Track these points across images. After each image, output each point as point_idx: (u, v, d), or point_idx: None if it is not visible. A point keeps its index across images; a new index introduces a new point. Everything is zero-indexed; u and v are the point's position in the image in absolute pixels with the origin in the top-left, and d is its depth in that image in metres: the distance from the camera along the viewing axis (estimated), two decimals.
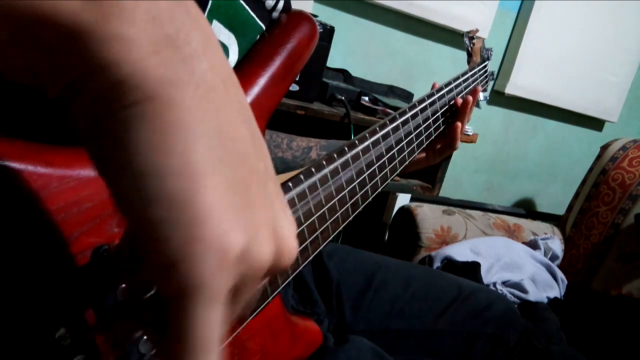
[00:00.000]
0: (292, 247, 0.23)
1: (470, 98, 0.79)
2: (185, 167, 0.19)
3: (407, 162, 0.63)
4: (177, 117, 0.19)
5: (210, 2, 0.40)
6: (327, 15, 1.57)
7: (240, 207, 0.20)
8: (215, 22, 0.42)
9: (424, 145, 0.69)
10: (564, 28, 2.00)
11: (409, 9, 1.64)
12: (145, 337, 0.29)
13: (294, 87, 1.24)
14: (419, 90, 1.75)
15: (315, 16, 1.33)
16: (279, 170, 0.74)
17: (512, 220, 1.63)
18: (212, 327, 0.20)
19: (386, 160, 0.57)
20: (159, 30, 0.19)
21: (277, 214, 0.23)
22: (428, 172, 1.60)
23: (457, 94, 0.79)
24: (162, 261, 0.19)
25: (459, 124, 0.79)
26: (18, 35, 0.18)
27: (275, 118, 0.76)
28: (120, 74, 0.18)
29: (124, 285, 0.28)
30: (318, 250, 0.45)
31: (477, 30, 0.93)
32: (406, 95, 1.72)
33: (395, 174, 0.60)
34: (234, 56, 0.45)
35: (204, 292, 0.19)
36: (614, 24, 2.11)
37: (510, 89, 1.98)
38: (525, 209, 2.06)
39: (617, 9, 2.08)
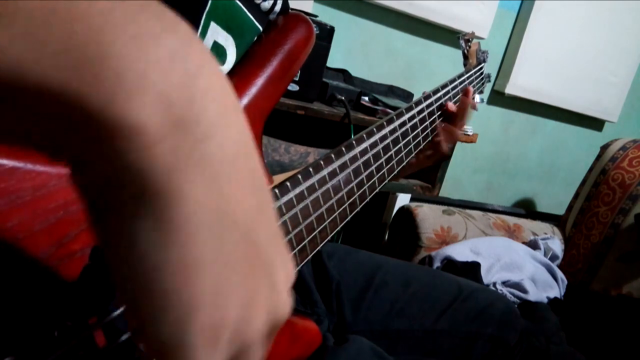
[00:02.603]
0: (286, 306, 0.24)
1: (452, 105, 0.77)
2: (182, 262, 0.19)
3: (404, 163, 0.63)
4: (182, 212, 0.18)
5: (209, 4, 0.40)
6: (327, 15, 1.57)
7: (235, 288, 0.20)
8: (213, 23, 0.42)
9: (422, 146, 0.69)
10: (564, 28, 2.00)
11: (409, 9, 1.64)
12: None
13: (294, 87, 1.24)
14: (419, 90, 1.75)
15: (315, 16, 1.34)
16: (275, 173, 0.74)
17: (512, 220, 1.63)
18: None
19: (383, 162, 0.57)
20: (169, 111, 0.18)
21: (274, 275, 0.23)
22: (428, 172, 1.60)
23: (454, 96, 0.79)
24: (156, 347, 0.19)
25: (439, 124, 0.77)
26: (21, 108, 0.17)
27: (275, 118, 0.77)
28: (123, 162, 0.17)
29: None
30: (316, 250, 0.45)
31: (473, 33, 0.93)
32: (406, 95, 1.72)
33: (393, 174, 0.60)
34: (231, 57, 0.45)
35: None
36: (614, 24, 2.11)
37: (510, 89, 1.98)
38: (525, 209, 2.06)
39: (617, 9, 2.08)
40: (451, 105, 0.76)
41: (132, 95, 0.17)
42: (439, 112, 0.74)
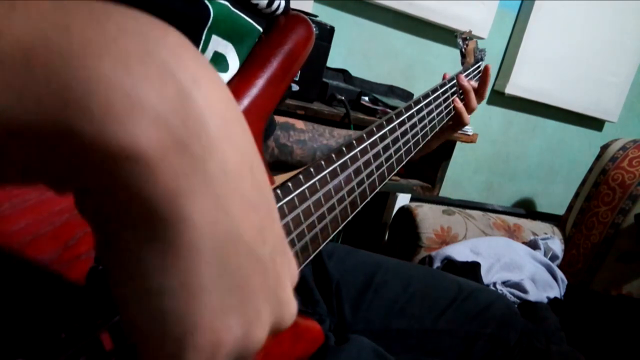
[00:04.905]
0: (292, 313, 0.24)
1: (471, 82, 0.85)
2: (185, 287, 0.18)
3: (404, 162, 0.64)
4: (184, 237, 0.18)
5: (210, 21, 0.41)
6: (327, 15, 1.57)
7: (237, 306, 0.20)
8: (214, 36, 0.42)
9: (421, 145, 0.70)
10: (564, 28, 2.00)
11: (409, 9, 1.64)
12: None
13: (294, 87, 1.24)
14: (419, 91, 1.75)
15: (315, 16, 1.34)
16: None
17: (512, 220, 1.63)
18: None
19: (383, 160, 0.57)
20: (166, 133, 0.17)
21: (280, 288, 0.23)
22: (428, 172, 1.60)
23: (452, 94, 0.80)
24: None
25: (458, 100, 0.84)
26: (16, 152, 0.16)
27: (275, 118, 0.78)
28: (126, 189, 0.17)
29: None
30: (319, 250, 0.46)
31: (470, 32, 0.94)
32: (406, 95, 1.72)
33: (394, 172, 0.61)
34: (233, 63, 0.45)
35: None
36: (614, 24, 2.11)
37: (510, 89, 1.98)
38: (525, 209, 2.06)
39: (617, 9, 2.08)
40: (464, 82, 0.84)
41: (124, 118, 0.16)
42: (437, 111, 0.75)
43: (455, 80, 0.82)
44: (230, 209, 0.19)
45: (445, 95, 0.78)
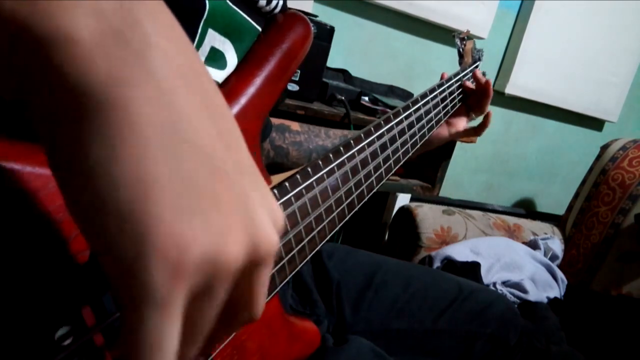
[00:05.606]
0: (270, 239, 0.22)
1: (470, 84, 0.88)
2: (136, 178, 0.18)
3: (401, 163, 0.64)
4: (129, 124, 0.18)
5: (206, 12, 0.40)
6: (327, 15, 1.57)
7: (201, 210, 0.19)
8: (210, 30, 0.42)
9: (418, 146, 0.69)
10: (564, 28, 2.00)
11: (409, 9, 1.64)
12: None
13: (294, 87, 1.24)
14: (419, 91, 1.75)
15: (315, 16, 1.34)
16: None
17: (512, 220, 1.63)
18: (163, 336, 0.19)
19: (381, 161, 0.57)
20: (104, 23, 0.18)
21: (251, 207, 0.21)
22: (428, 172, 1.60)
23: (450, 94, 0.80)
24: (114, 272, 0.18)
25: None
26: None
27: (275, 118, 0.78)
28: (65, 76, 0.17)
29: None
30: (315, 250, 0.45)
31: (468, 32, 0.94)
32: (406, 95, 1.72)
33: (391, 173, 0.61)
34: (232, 61, 0.45)
35: (156, 302, 0.18)
36: (614, 24, 2.11)
37: (510, 89, 1.98)
38: (525, 209, 2.06)
39: (617, 9, 2.08)
40: (469, 84, 0.87)
41: (65, 8, 0.17)
42: (435, 111, 0.75)
43: (453, 80, 0.82)
44: (175, 105, 0.19)
45: (443, 95, 0.78)
